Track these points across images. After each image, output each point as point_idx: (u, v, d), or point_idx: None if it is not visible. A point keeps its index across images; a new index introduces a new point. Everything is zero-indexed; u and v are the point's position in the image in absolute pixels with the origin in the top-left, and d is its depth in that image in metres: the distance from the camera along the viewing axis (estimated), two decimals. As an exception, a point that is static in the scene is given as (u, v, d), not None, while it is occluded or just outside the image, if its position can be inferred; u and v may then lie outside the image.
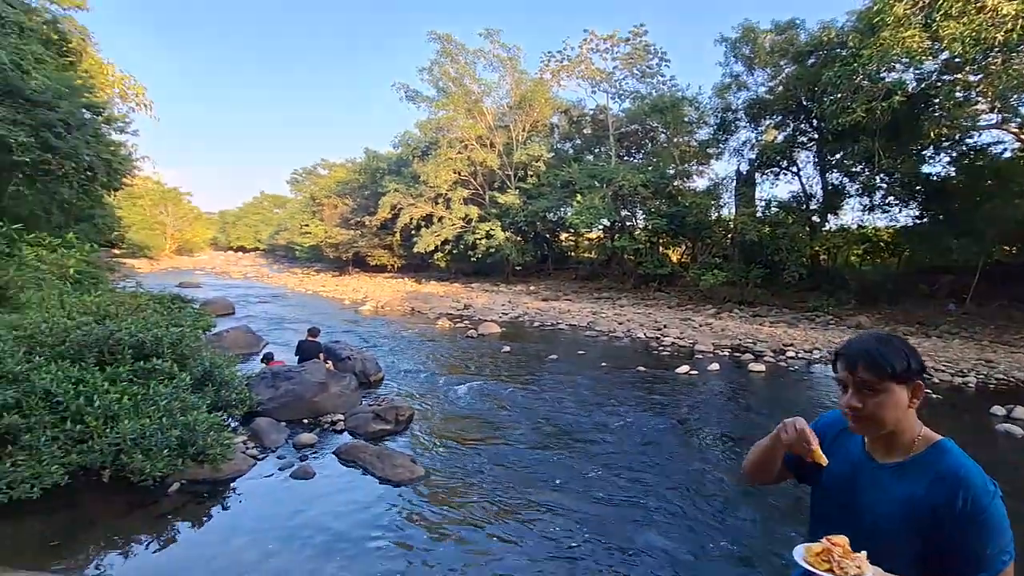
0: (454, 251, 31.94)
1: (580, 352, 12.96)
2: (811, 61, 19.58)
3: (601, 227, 28.92)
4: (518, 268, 31.19)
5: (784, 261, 20.29)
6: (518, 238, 29.77)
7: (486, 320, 16.89)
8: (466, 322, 17.31)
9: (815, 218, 22.20)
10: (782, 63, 20.78)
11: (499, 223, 29.34)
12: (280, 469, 5.64)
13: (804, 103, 20.64)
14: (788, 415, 1.46)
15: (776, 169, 23.79)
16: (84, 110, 12.34)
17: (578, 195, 25.55)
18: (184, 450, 4.74)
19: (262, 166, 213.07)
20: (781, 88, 21.06)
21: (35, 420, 4.32)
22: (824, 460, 1.35)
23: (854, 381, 1.30)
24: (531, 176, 30.34)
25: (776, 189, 32.14)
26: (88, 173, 12.04)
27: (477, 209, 31.22)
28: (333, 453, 6.09)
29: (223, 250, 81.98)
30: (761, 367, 11.42)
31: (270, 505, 4.96)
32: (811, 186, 23.27)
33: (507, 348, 13.01)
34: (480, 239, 29.26)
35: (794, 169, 23.44)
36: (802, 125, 22.36)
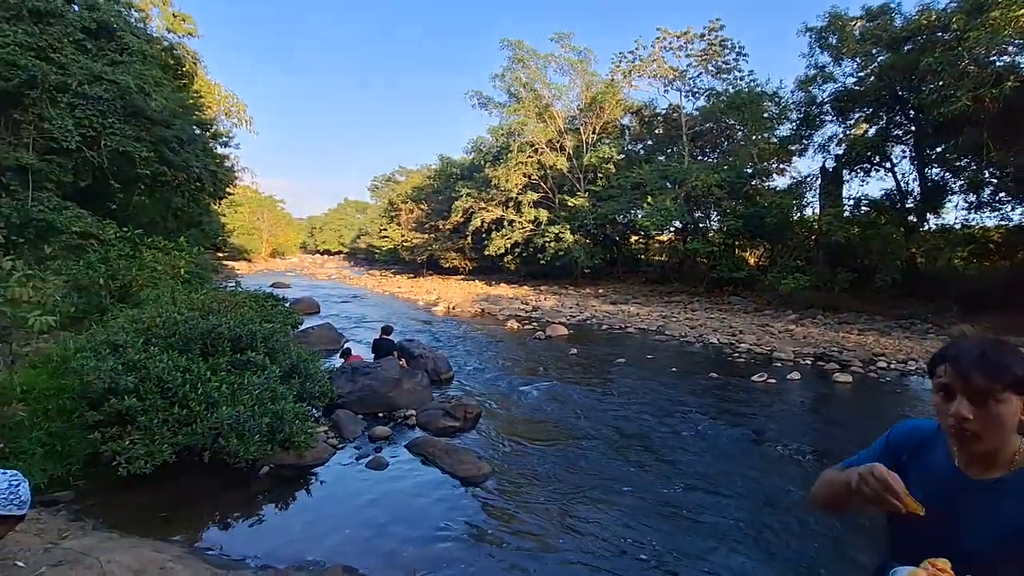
0: (523, 254, 32.18)
1: (649, 356, 12.72)
2: (908, 47, 18.02)
3: (673, 229, 28.13)
4: (587, 271, 30.91)
5: (875, 264, 18.80)
6: (587, 241, 29.52)
7: (554, 322, 16.92)
8: (534, 324, 17.44)
9: (911, 217, 20.43)
10: (874, 51, 19.25)
11: (568, 226, 29.24)
12: (356, 459, 6.03)
13: (899, 93, 19.06)
14: (878, 430, 1.35)
15: (867, 165, 22.06)
16: (195, 127, 13.72)
17: (649, 197, 24.96)
18: (273, 436, 5.16)
19: (346, 176, 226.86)
20: (872, 78, 19.50)
21: (149, 403, 4.86)
22: (921, 510, 1.15)
23: (966, 388, 1.14)
24: (601, 178, 30.04)
25: (867, 187, 29.67)
26: (197, 184, 13.37)
27: (547, 212, 31.31)
28: (405, 446, 6.42)
29: (311, 253, 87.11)
30: (848, 377, 10.70)
31: (347, 491, 5.33)
32: (907, 183, 21.41)
33: (574, 350, 13.00)
34: (549, 242, 29.31)
35: (887, 165, 21.64)
36: (896, 117, 20.62)
